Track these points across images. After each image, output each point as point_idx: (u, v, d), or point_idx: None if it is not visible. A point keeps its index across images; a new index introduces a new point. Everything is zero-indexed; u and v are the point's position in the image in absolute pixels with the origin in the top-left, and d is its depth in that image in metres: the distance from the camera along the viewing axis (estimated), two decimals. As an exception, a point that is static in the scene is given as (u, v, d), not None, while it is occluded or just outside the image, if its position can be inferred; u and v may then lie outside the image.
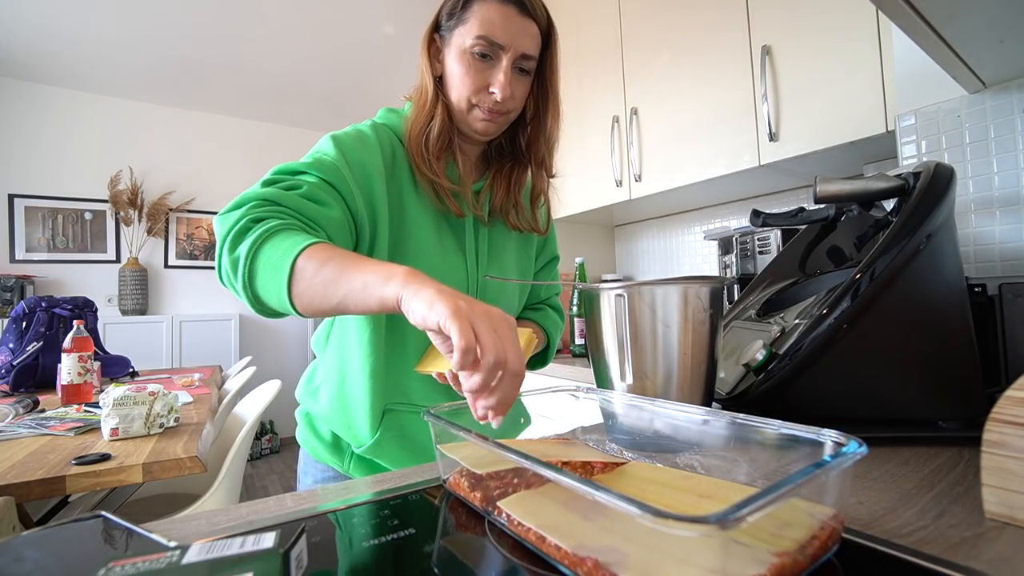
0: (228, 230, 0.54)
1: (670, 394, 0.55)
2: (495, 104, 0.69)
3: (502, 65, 0.67)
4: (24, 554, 0.33)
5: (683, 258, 2.17)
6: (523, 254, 0.85)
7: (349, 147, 0.66)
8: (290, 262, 0.50)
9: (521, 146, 0.79)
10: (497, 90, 0.67)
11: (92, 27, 2.71)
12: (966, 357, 0.56)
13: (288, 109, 3.84)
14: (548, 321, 0.89)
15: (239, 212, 0.55)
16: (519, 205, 0.80)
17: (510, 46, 0.67)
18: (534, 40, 0.70)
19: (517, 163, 0.79)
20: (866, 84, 1.20)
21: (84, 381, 1.57)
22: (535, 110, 0.77)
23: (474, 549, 0.36)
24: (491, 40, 0.66)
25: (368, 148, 0.68)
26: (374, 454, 0.72)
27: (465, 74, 0.68)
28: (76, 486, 0.94)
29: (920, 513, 0.38)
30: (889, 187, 0.63)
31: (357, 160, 0.66)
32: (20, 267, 3.20)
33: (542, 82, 0.75)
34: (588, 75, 2.05)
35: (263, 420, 3.74)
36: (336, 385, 0.74)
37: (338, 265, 0.49)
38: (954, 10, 0.60)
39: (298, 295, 0.51)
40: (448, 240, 0.74)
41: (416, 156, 0.71)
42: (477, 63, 0.67)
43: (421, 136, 0.71)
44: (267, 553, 0.26)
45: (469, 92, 0.69)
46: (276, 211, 0.56)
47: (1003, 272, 0.83)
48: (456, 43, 0.68)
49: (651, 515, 0.24)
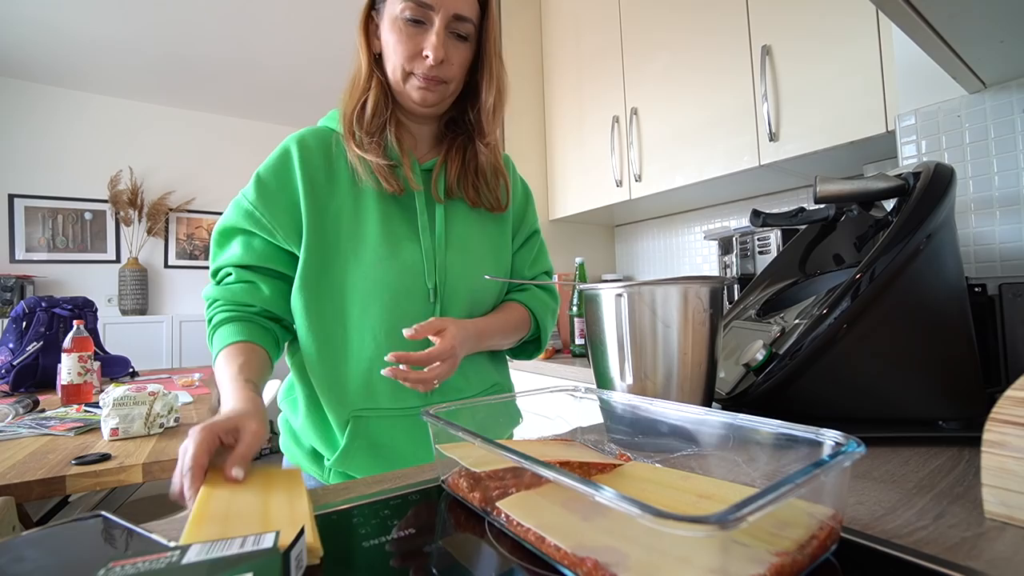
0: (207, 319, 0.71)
1: (670, 394, 0.55)
2: (429, 69, 0.67)
3: (435, 27, 0.66)
4: (24, 554, 0.33)
5: (683, 258, 2.17)
6: (495, 235, 0.80)
7: (267, 181, 0.71)
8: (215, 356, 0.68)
9: (471, 120, 0.77)
10: (430, 51, 0.66)
11: (92, 27, 2.71)
12: (966, 357, 0.56)
13: (288, 109, 3.84)
14: (535, 301, 0.84)
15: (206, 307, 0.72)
16: (478, 182, 0.77)
17: (440, 6, 0.66)
18: (467, 3, 0.68)
19: (470, 139, 0.77)
20: (866, 84, 1.20)
21: (84, 381, 1.57)
22: (475, 83, 0.75)
23: (473, 549, 0.36)
24: (419, 2, 0.65)
25: (289, 168, 0.71)
26: (344, 465, 0.70)
27: (398, 42, 0.67)
28: (76, 486, 0.94)
29: (920, 513, 0.38)
30: (889, 187, 0.63)
31: (276, 188, 0.71)
32: (20, 267, 3.20)
33: (480, 51, 0.73)
34: (588, 75, 2.05)
35: (263, 420, 3.73)
36: (304, 397, 0.74)
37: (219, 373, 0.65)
38: (954, 10, 0.60)
39: None
40: (399, 228, 0.72)
41: (347, 134, 0.71)
42: (409, 28, 0.67)
43: (353, 114, 0.71)
44: (267, 553, 0.26)
45: (403, 59, 0.68)
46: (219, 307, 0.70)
47: (1003, 272, 0.83)
48: (388, 13, 0.68)
49: (651, 515, 0.24)
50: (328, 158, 0.72)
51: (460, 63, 0.70)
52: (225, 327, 0.68)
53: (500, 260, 0.80)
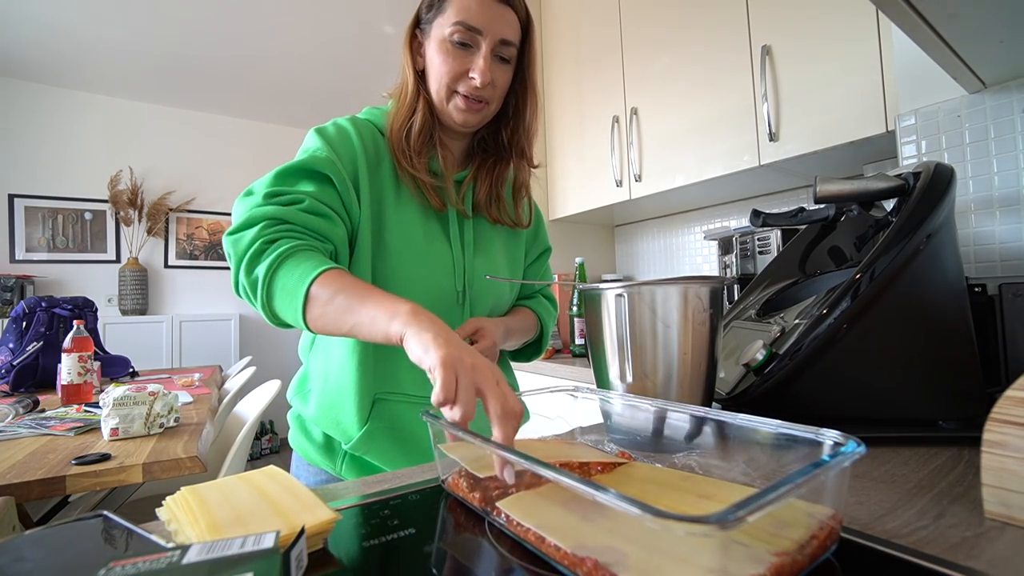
0: (244, 251, 0.58)
1: (670, 394, 0.55)
2: (475, 90, 0.69)
3: (481, 51, 0.68)
4: (24, 554, 0.33)
5: (683, 258, 2.17)
6: (512, 248, 0.86)
7: (335, 140, 0.69)
8: (304, 289, 0.55)
9: (504, 141, 0.79)
10: (477, 75, 0.68)
11: (93, 27, 2.71)
12: (966, 357, 0.56)
13: (288, 109, 3.84)
14: (541, 308, 0.90)
15: (252, 233, 0.59)
16: (501, 200, 0.81)
17: (488, 31, 0.68)
18: (512, 28, 0.70)
19: (500, 158, 0.80)
20: (866, 84, 1.20)
21: (84, 381, 1.57)
22: (516, 104, 0.77)
23: (473, 549, 0.36)
24: (468, 25, 0.67)
25: (349, 141, 0.70)
26: (365, 449, 0.70)
27: (443, 62, 0.69)
28: (76, 486, 0.94)
29: (920, 513, 0.38)
30: (889, 187, 0.63)
31: (343, 152, 0.69)
32: (20, 267, 3.20)
33: (520, 75, 0.76)
34: (588, 75, 2.05)
35: (263, 420, 3.74)
36: (322, 382, 0.73)
37: (348, 297, 0.54)
38: (954, 10, 0.60)
39: (312, 319, 0.56)
40: (434, 228, 0.74)
41: (397, 151, 0.72)
42: (456, 50, 0.68)
43: (403, 130, 0.72)
44: (267, 553, 0.26)
45: (448, 79, 0.69)
46: (286, 230, 0.60)
47: (1003, 272, 0.83)
48: (436, 34, 0.69)
49: (651, 515, 0.24)
50: (377, 149, 0.73)
51: (502, 85, 0.73)
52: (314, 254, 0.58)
53: (515, 272, 0.86)
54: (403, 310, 0.50)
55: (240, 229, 0.60)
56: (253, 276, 0.58)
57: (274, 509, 0.36)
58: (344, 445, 0.72)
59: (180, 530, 0.35)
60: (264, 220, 0.60)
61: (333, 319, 0.54)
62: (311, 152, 0.67)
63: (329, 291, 0.54)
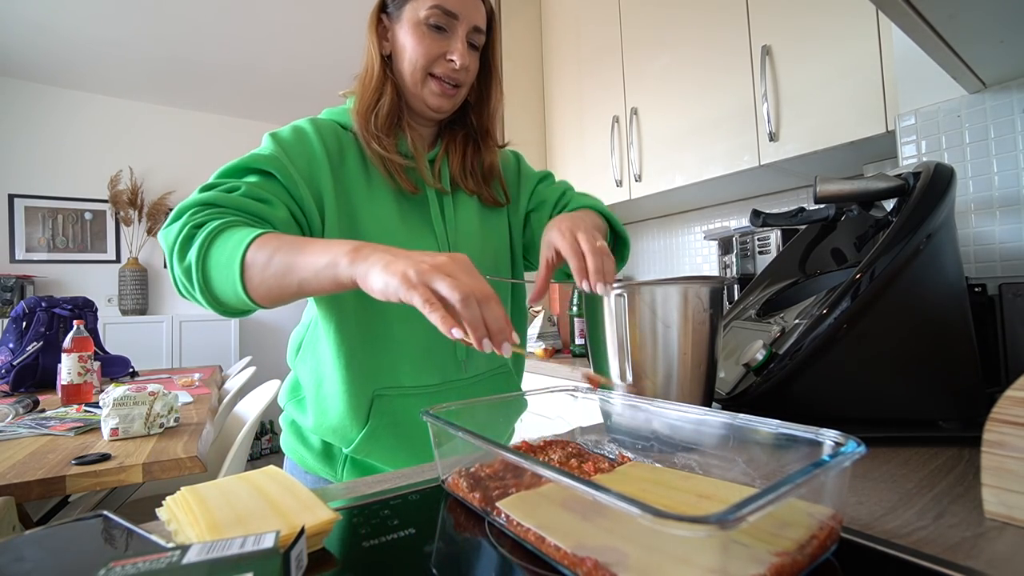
0: (173, 241, 0.55)
1: (670, 394, 0.55)
2: (452, 72, 0.69)
3: (458, 34, 0.69)
4: (24, 554, 0.33)
5: (683, 258, 2.16)
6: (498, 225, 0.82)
7: (288, 141, 0.67)
8: (239, 258, 0.51)
9: (472, 123, 0.80)
10: (456, 57, 0.69)
11: (93, 27, 2.71)
12: (966, 357, 0.56)
13: (288, 109, 3.84)
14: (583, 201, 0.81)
15: (180, 222, 0.56)
16: (476, 173, 0.80)
17: (463, 16, 0.69)
18: (482, 16, 0.72)
19: (468, 135, 0.80)
20: (866, 84, 1.20)
21: (84, 381, 1.57)
22: (481, 90, 0.78)
23: (473, 549, 0.36)
24: (445, 9, 0.68)
25: (307, 140, 0.68)
26: (367, 451, 0.69)
27: (419, 44, 0.69)
28: (76, 486, 0.94)
29: (920, 513, 0.38)
30: (889, 187, 0.63)
31: (298, 152, 0.66)
32: (20, 267, 3.20)
33: (486, 62, 0.77)
34: (588, 75, 2.05)
35: (263, 420, 3.74)
36: (315, 389, 0.71)
37: (286, 254, 0.50)
38: (954, 10, 0.60)
39: (254, 289, 0.52)
40: (412, 218, 0.72)
41: (366, 132, 0.71)
42: (432, 33, 0.69)
43: (369, 113, 0.71)
44: (267, 553, 0.26)
45: (424, 61, 0.69)
46: (216, 213, 0.56)
47: (1003, 272, 0.83)
48: (408, 17, 0.69)
49: (651, 515, 0.24)
50: (339, 146, 0.71)
51: (473, 71, 0.74)
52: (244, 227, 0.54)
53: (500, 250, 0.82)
54: (341, 251, 0.47)
55: (170, 223, 0.57)
56: (186, 263, 0.53)
57: (274, 509, 0.36)
58: (345, 449, 0.70)
59: (180, 530, 0.35)
60: (193, 207, 0.57)
61: (275, 283, 0.50)
62: (255, 151, 0.65)
63: (265, 253, 0.50)
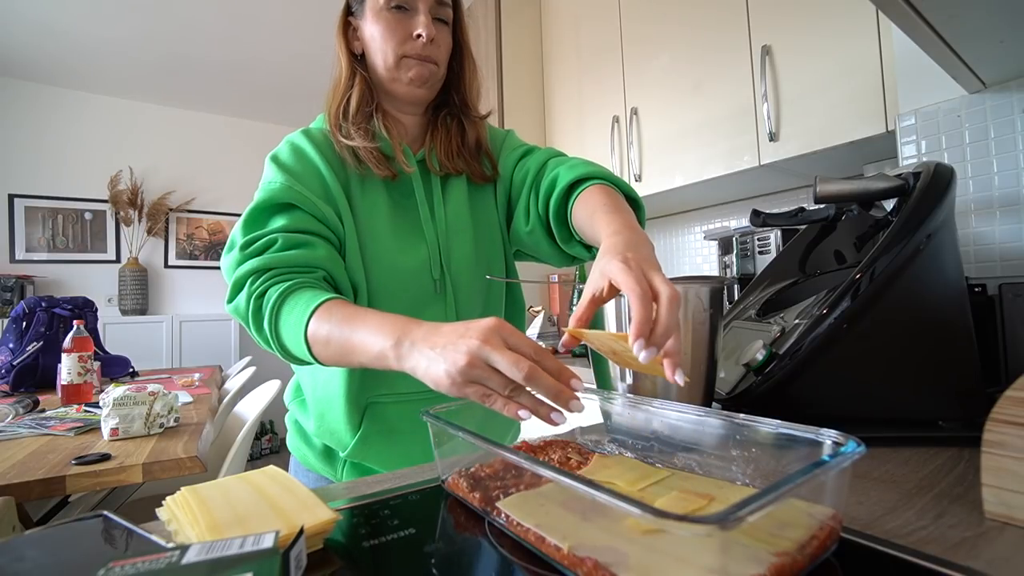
0: (244, 316, 0.61)
1: (670, 394, 0.55)
2: (422, 47, 0.69)
3: (420, 10, 0.69)
4: (24, 554, 0.33)
5: (683, 258, 2.16)
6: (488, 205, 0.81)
7: (292, 166, 0.69)
8: (303, 340, 0.56)
9: (455, 101, 0.79)
10: (422, 30, 0.68)
11: (93, 27, 2.71)
12: (966, 357, 0.56)
13: (288, 109, 3.84)
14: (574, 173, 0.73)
15: (243, 295, 0.61)
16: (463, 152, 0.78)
17: None
18: None
19: (451, 113, 0.79)
20: (866, 84, 1.20)
21: (84, 381, 1.57)
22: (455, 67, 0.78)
23: (473, 549, 0.36)
24: None
25: (308, 158, 0.70)
26: (362, 455, 0.70)
27: (385, 29, 0.69)
28: (76, 486, 0.94)
29: (920, 513, 0.38)
30: (889, 187, 0.63)
31: (305, 173, 0.68)
32: (20, 267, 3.20)
33: (456, 38, 0.76)
34: (588, 75, 2.05)
35: (263, 420, 3.74)
36: (313, 391, 0.73)
37: (339, 341, 0.54)
38: (954, 10, 0.60)
39: (324, 360, 0.57)
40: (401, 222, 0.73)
41: (334, 129, 0.71)
42: (396, 15, 0.69)
43: (340, 107, 0.72)
44: (267, 553, 0.26)
45: (394, 44, 0.69)
46: (270, 278, 0.61)
47: (1003, 272, 0.83)
48: (370, 7, 0.70)
49: (651, 515, 0.24)
50: (334, 152, 0.72)
51: (445, 46, 0.73)
52: (302, 292, 0.58)
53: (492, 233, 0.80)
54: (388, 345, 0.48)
55: (234, 296, 0.62)
56: (263, 336, 0.60)
57: (274, 509, 0.36)
58: (341, 453, 0.71)
59: (180, 530, 0.35)
60: (248, 277, 0.61)
61: (341, 360, 0.55)
62: (267, 186, 0.67)
63: (322, 336, 0.55)
